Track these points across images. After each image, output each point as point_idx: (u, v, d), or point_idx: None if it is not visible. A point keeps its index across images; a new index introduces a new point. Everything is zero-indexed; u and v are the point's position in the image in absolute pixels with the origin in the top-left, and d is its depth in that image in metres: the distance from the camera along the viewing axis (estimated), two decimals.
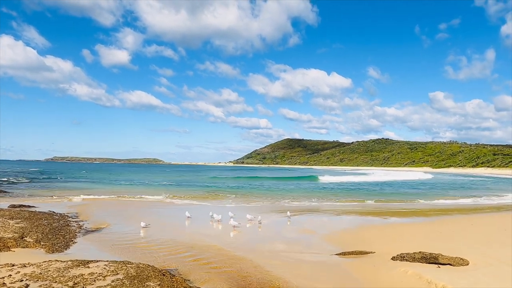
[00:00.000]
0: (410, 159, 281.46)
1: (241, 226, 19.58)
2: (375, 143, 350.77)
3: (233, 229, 18.80)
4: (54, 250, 13.07)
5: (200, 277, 10.40)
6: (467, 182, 77.57)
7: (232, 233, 18.24)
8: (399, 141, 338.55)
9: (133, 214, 22.62)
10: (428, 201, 35.39)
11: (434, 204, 33.42)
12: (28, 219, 18.12)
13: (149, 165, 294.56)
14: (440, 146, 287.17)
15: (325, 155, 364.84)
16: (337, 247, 14.97)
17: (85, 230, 17.45)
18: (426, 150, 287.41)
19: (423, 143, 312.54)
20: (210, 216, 21.88)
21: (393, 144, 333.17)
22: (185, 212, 22.72)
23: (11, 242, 13.30)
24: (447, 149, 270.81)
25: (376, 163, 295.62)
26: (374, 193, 46.15)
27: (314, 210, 27.47)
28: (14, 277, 8.74)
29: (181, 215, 22.24)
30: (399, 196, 41.86)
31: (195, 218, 21.89)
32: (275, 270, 11.28)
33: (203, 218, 21.99)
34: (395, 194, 44.14)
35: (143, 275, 9.22)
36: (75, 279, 8.65)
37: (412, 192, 47.69)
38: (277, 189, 50.96)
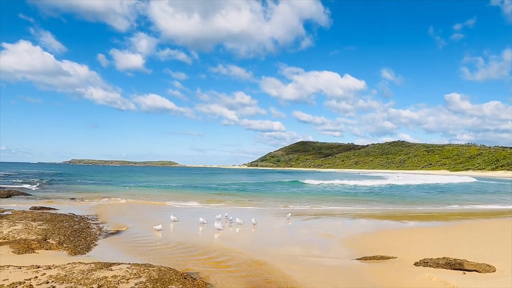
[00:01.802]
0: (427, 162, 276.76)
1: (224, 229, 19.50)
2: (390, 146, 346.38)
3: (218, 231, 18.78)
4: (76, 252, 13.26)
5: (221, 281, 10.39)
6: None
7: (247, 236, 18.23)
8: (415, 144, 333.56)
9: (149, 217, 22.80)
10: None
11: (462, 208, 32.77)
12: (50, 221, 18.44)
13: (164, 168, 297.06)
14: (458, 148, 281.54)
15: (339, 157, 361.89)
16: (357, 251, 14.79)
17: (105, 232, 17.66)
18: (443, 153, 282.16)
19: (440, 145, 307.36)
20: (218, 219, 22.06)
21: (409, 147, 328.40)
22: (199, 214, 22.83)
23: (35, 244, 13.56)
24: (465, 151, 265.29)
25: (392, 166, 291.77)
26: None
27: (330, 214, 27.23)
28: (40, 279, 8.89)
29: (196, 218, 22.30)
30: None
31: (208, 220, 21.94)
32: (295, 274, 11.19)
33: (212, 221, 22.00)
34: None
35: (165, 278, 9.26)
36: (99, 282, 8.74)
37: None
38: (291, 192, 50.75)
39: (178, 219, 21.37)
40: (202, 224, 20.30)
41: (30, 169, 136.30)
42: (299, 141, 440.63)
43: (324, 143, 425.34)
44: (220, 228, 19.00)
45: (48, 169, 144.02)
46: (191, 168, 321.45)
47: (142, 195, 40.33)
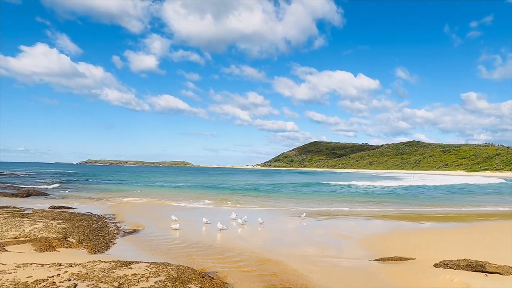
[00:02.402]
0: (443, 162, 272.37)
1: (227, 229, 19.49)
2: (405, 146, 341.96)
3: (220, 231, 18.78)
4: (95, 250, 13.48)
5: (239, 281, 10.42)
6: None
7: (262, 236, 18.25)
8: (431, 144, 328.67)
9: (165, 217, 22.97)
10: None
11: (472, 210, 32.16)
12: (69, 220, 18.79)
13: (178, 168, 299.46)
14: (475, 148, 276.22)
15: (353, 158, 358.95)
16: (374, 252, 14.65)
17: (123, 231, 17.90)
18: (460, 153, 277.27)
19: (456, 145, 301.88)
20: (232, 219, 22.20)
21: (424, 147, 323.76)
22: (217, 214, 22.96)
23: (55, 242, 13.83)
24: (483, 152, 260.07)
25: (407, 167, 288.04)
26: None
27: (344, 214, 27.04)
28: (63, 276, 9.06)
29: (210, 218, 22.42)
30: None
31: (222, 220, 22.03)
32: (312, 275, 11.16)
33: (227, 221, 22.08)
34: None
35: (184, 277, 9.34)
36: (119, 280, 8.87)
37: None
38: (304, 192, 50.57)
39: (190, 219, 21.42)
40: (205, 224, 20.37)
41: (48, 169, 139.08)
42: (313, 141, 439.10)
43: (337, 143, 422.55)
44: (223, 228, 18.99)
45: (65, 169, 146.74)
46: (205, 168, 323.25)
47: (157, 194, 40.76)
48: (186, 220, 21.25)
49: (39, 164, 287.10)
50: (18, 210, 21.38)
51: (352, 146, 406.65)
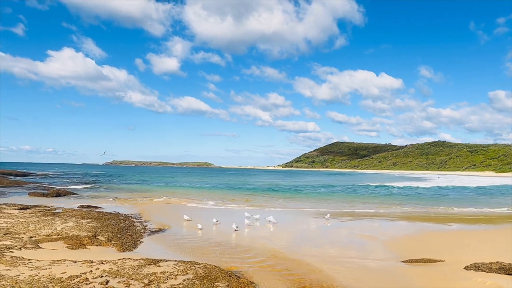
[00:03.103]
0: (471, 163, 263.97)
1: (239, 229, 19.43)
2: (430, 146, 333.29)
3: (234, 231, 18.76)
4: (124, 248, 13.81)
5: (265, 281, 10.46)
6: None
7: (286, 236, 18.24)
8: (457, 144, 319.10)
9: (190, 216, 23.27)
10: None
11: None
12: (98, 219, 19.32)
13: (200, 168, 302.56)
14: (504, 148, 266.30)
15: (376, 158, 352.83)
16: (401, 253, 14.41)
17: (149, 230, 18.26)
18: (488, 153, 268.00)
19: (484, 145, 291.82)
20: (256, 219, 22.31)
21: (451, 147, 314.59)
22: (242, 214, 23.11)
23: (86, 240, 14.27)
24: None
25: (432, 167, 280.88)
26: None
27: (368, 215, 26.66)
28: (95, 273, 9.35)
29: (232, 218, 22.58)
30: None
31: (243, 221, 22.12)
32: (339, 275, 11.08)
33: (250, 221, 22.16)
34: None
35: (211, 276, 9.47)
36: (149, 277, 9.08)
37: None
38: (326, 193, 50.13)
39: (216, 220, 21.43)
40: (215, 224, 20.46)
41: (75, 170, 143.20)
42: (334, 142, 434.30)
43: (360, 144, 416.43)
44: (236, 229, 19.03)
45: (91, 170, 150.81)
46: (226, 169, 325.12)
47: (180, 194, 41.33)
48: (209, 220, 21.44)
49: (67, 165, 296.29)
50: (50, 209, 22.15)
51: (375, 146, 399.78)
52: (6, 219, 17.39)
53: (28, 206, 22.95)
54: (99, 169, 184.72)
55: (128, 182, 67.24)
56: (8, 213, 19.55)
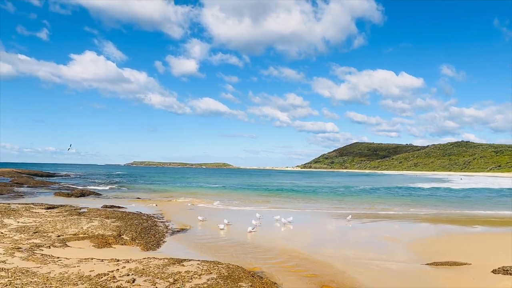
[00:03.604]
0: (496, 164, 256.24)
1: (256, 230, 19.31)
2: (453, 146, 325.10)
3: (249, 233, 18.61)
4: (148, 248, 14.08)
5: (288, 281, 10.49)
6: None
7: (307, 237, 18.21)
8: (481, 144, 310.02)
9: (210, 216, 23.51)
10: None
11: None
12: (121, 218, 19.74)
13: (219, 169, 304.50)
14: None
15: (397, 159, 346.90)
16: (424, 256, 14.18)
17: (171, 230, 18.54)
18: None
19: (510, 145, 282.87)
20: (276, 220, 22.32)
21: (474, 147, 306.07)
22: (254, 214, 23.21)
23: (111, 239, 14.61)
24: None
25: (455, 168, 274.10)
26: None
27: (390, 217, 26.28)
28: (121, 271, 9.60)
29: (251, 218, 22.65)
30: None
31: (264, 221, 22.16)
32: (362, 277, 11.01)
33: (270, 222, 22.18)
34: None
35: (235, 276, 9.57)
36: (174, 276, 9.25)
37: None
38: (346, 194, 49.66)
39: (227, 221, 21.29)
40: (227, 225, 20.49)
41: (98, 170, 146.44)
42: (354, 142, 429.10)
43: (380, 144, 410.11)
44: (253, 230, 19.01)
45: (113, 170, 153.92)
46: (245, 169, 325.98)
47: (200, 195, 41.71)
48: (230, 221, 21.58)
49: (90, 166, 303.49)
50: (75, 209, 22.76)
51: (396, 147, 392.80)
52: (34, 218, 17.99)
53: (55, 206, 23.64)
54: (120, 169, 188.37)
55: (149, 182, 68.33)
56: (36, 212, 20.20)
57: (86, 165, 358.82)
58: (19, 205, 23.14)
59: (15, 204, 23.90)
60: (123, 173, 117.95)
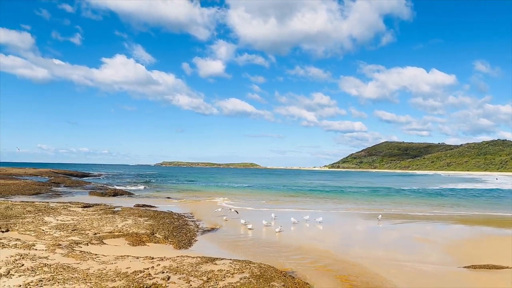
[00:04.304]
0: None
1: (283, 230, 19.17)
2: (489, 145, 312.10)
3: (278, 233, 18.52)
4: (180, 246, 14.38)
5: (319, 281, 10.44)
6: None
7: (337, 237, 18.04)
8: None
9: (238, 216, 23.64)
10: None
11: None
12: (153, 217, 20.23)
13: (246, 169, 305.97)
14: None
15: (429, 158, 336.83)
16: (460, 258, 13.73)
17: (202, 229, 18.84)
18: None
19: None
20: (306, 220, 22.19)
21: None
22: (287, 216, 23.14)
23: (145, 237, 15.02)
24: None
25: (491, 168, 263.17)
26: None
27: (421, 218, 25.59)
28: (156, 269, 9.84)
29: (280, 219, 22.63)
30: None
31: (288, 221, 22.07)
32: (396, 279, 10.80)
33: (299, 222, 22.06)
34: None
35: (267, 275, 9.61)
36: (207, 274, 9.40)
37: None
38: (377, 194, 48.69)
39: (244, 220, 21.25)
40: (292, 225, 20.54)
41: (129, 171, 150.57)
42: (383, 142, 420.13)
43: (411, 143, 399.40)
44: (280, 230, 18.89)
45: (144, 170, 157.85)
46: (272, 169, 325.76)
47: (229, 194, 42.06)
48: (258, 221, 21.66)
49: (121, 166, 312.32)
50: (109, 208, 23.51)
51: (427, 146, 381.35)
52: (72, 216, 18.73)
53: (90, 205, 24.50)
54: (151, 169, 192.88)
55: (178, 182, 69.60)
56: (73, 210, 21.02)
57: (117, 165, 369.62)
58: (58, 203, 24.14)
59: (53, 202, 24.96)
60: (153, 173, 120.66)
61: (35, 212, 19.12)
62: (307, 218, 22.46)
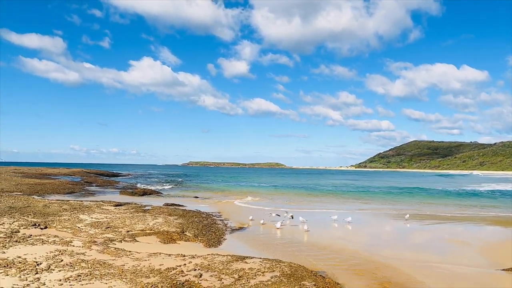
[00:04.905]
0: None
1: (311, 229, 19.02)
2: None
3: (306, 232, 18.43)
4: (210, 245, 14.59)
5: (350, 281, 10.34)
6: None
7: (365, 237, 17.79)
8: None
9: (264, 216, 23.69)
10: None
11: None
12: (183, 216, 20.60)
13: (272, 169, 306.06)
14: None
15: (460, 158, 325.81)
16: (497, 261, 13.26)
17: (230, 228, 19.02)
18: None
19: None
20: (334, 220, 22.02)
21: None
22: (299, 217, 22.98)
23: (175, 235, 15.33)
24: None
25: None
26: None
27: (451, 218, 24.81)
28: (188, 266, 10.04)
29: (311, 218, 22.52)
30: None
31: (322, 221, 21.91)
32: (430, 281, 10.56)
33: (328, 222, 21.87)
34: None
35: (297, 274, 9.61)
36: (238, 273, 9.51)
37: None
38: (404, 194, 47.56)
39: (262, 220, 21.27)
40: (304, 224, 20.32)
41: (157, 170, 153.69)
42: (412, 141, 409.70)
43: (441, 142, 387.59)
44: (307, 229, 18.79)
45: (171, 170, 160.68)
46: (298, 169, 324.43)
47: (254, 194, 42.21)
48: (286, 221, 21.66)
49: (149, 166, 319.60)
50: (140, 207, 24.10)
51: (458, 145, 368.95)
52: (105, 215, 19.34)
53: (121, 203, 25.19)
54: (178, 169, 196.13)
55: (205, 182, 70.44)
56: (106, 209, 21.69)
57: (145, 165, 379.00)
58: (91, 202, 24.97)
59: (87, 201, 25.83)
60: (180, 173, 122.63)
61: (71, 210, 19.86)
62: (335, 218, 22.26)
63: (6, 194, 26.60)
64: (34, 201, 23.13)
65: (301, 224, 19.99)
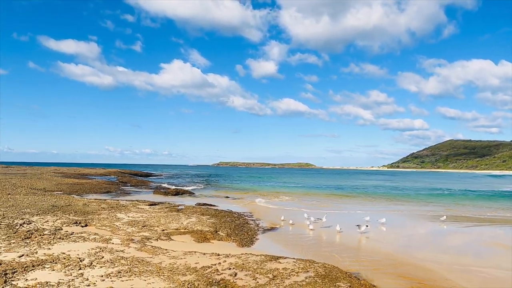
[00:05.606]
0: None
1: (314, 229, 19.04)
2: None
3: (339, 233, 18.25)
4: (243, 244, 14.73)
5: (386, 284, 10.17)
6: None
7: (402, 240, 17.37)
8: None
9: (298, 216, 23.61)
10: None
11: None
12: (215, 216, 20.90)
13: (301, 169, 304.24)
14: None
15: (500, 157, 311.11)
16: None
17: (262, 228, 19.11)
18: None
19: None
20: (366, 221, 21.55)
21: None
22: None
23: (209, 235, 15.59)
24: None
25: None
26: None
27: (489, 220, 23.78)
28: (223, 265, 10.21)
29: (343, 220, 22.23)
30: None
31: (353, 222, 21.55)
32: (471, 285, 10.21)
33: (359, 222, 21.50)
34: None
35: (332, 275, 9.56)
36: (273, 272, 9.57)
37: None
38: (438, 195, 46.00)
39: (291, 220, 21.20)
40: (339, 226, 20.08)
41: (188, 171, 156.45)
42: (447, 140, 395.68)
43: (478, 141, 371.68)
44: (340, 230, 18.49)
45: (202, 171, 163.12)
46: (328, 169, 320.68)
47: (285, 194, 42.13)
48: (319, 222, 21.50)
49: (181, 166, 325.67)
50: (173, 206, 24.66)
51: (497, 144, 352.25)
52: (141, 214, 19.93)
53: (155, 203, 25.87)
54: (208, 170, 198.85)
55: (236, 182, 71.01)
56: (141, 208, 22.35)
57: (177, 165, 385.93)
58: (127, 201, 25.80)
59: (123, 200, 26.71)
60: (211, 173, 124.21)
61: (109, 209, 20.61)
62: (368, 219, 21.84)
63: (48, 193, 27.94)
64: (74, 200, 24.16)
65: (333, 225, 19.80)
